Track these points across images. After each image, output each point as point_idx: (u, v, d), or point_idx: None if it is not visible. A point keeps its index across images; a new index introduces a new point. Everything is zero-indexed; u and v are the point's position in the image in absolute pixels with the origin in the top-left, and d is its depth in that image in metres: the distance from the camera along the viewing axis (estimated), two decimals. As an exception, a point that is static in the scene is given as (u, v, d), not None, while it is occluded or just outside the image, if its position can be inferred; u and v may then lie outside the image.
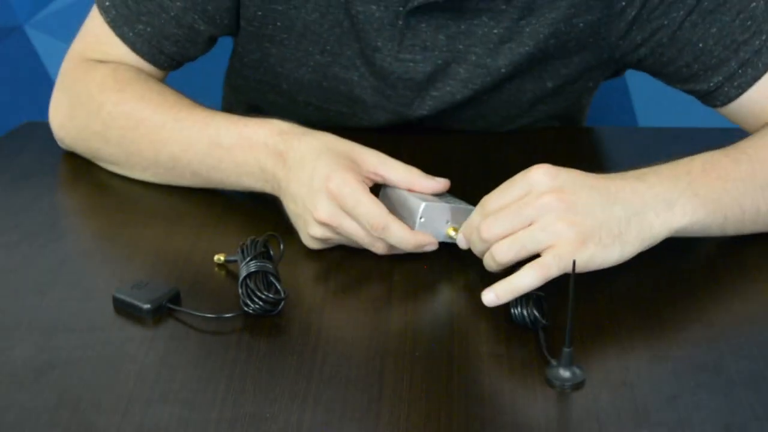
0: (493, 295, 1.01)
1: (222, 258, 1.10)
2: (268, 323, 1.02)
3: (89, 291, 1.07)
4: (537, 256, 1.02)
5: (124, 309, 1.04)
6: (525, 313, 1.01)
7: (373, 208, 1.07)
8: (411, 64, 1.26)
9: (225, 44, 1.38)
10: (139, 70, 1.28)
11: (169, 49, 1.28)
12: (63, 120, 1.29)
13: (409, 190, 1.11)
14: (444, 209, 1.10)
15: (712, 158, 1.12)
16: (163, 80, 1.31)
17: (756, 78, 1.21)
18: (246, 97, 1.42)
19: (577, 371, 0.95)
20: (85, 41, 1.31)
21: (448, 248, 1.10)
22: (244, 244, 1.06)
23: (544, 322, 1.01)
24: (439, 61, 1.26)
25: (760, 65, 1.21)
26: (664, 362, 0.99)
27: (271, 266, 1.04)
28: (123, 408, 0.92)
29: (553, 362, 0.96)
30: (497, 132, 1.36)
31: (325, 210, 1.08)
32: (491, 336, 1.01)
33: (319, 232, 1.10)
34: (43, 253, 1.13)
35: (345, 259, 1.11)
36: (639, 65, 1.28)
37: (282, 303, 1.03)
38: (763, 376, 0.96)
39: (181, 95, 1.25)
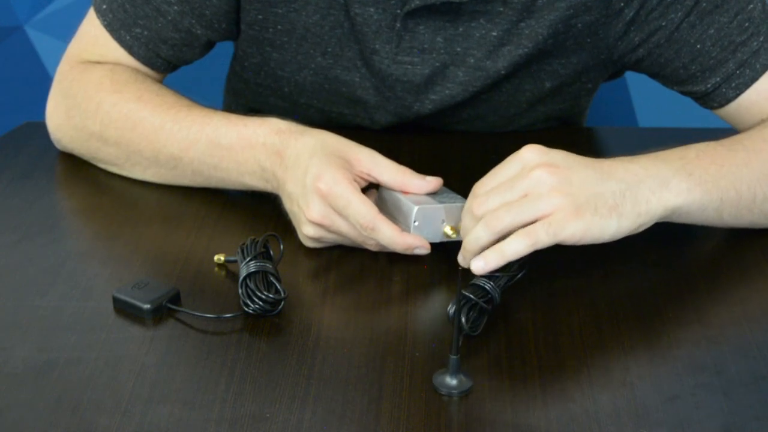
0: (482, 262, 1.01)
1: (222, 258, 1.10)
2: (268, 323, 1.02)
3: (89, 291, 1.07)
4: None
5: (124, 309, 1.04)
6: (456, 314, 0.97)
7: (362, 209, 1.07)
8: (409, 66, 1.26)
9: (225, 49, 1.38)
10: (137, 71, 1.28)
11: (166, 52, 1.28)
12: (60, 121, 1.29)
13: (403, 192, 1.11)
14: (438, 210, 1.09)
15: (706, 147, 1.12)
16: (160, 82, 1.30)
17: (754, 79, 1.21)
18: (247, 101, 1.42)
19: (464, 379, 0.93)
20: (81, 44, 1.30)
21: (447, 248, 1.10)
22: (243, 244, 1.06)
23: (466, 330, 0.98)
24: (437, 64, 1.25)
25: (757, 66, 1.21)
26: (664, 362, 0.99)
27: (270, 266, 1.04)
28: (123, 408, 0.92)
29: (443, 369, 0.94)
30: (497, 132, 1.36)
31: (316, 210, 1.08)
32: (491, 336, 1.01)
33: (312, 231, 1.10)
34: (43, 253, 1.13)
35: (344, 259, 1.11)
36: (637, 66, 1.28)
37: (282, 303, 1.03)
38: (763, 376, 0.96)
39: (180, 95, 1.25)
